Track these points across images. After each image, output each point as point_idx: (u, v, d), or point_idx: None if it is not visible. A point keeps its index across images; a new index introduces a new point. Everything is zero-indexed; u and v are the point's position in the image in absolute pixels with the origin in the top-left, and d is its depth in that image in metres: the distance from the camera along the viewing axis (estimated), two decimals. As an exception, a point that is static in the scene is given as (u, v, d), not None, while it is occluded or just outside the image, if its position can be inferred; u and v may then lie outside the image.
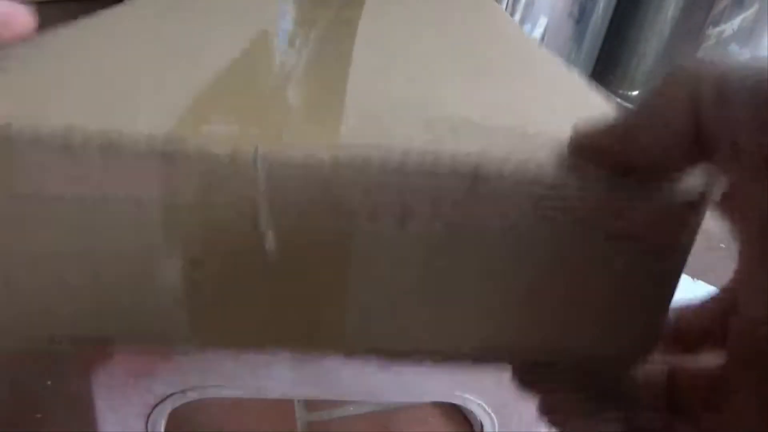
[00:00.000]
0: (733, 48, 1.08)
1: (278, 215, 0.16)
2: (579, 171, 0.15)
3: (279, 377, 0.33)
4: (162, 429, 0.35)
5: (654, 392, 0.18)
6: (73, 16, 0.25)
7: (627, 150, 0.15)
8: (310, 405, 0.74)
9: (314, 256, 0.16)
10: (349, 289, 0.17)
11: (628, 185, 0.15)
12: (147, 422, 0.34)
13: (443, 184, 0.15)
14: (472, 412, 0.38)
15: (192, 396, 0.34)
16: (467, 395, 0.35)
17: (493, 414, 0.36)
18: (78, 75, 0.19)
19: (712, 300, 0.19)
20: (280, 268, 0.16)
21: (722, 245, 1.09)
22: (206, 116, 0.16)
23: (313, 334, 0.18)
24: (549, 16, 1.02)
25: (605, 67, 1.20)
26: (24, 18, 0.22)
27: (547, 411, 0.20)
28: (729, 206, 0.16)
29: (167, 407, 0.34)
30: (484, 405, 0.35)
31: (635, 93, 1.40)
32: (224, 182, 0.15)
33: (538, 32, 1.03)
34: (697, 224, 0.17)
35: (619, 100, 1.42)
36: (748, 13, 1.04)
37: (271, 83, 0.20)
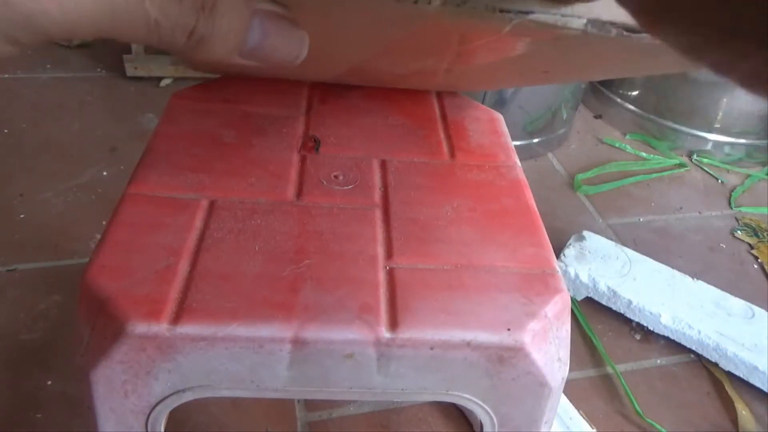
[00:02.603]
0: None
1: None
2: None
3: (279, 377, 0.33)
4: (162, 429, 0.35)
5: None
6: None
7: None
8: (310, 405, 0.74)
9: None
10: None
11: None
12: (147, 422, 0.34)
13: None
14: (471, 412, 0.38)
15: (192, 396, 0.34)
16: (466, 395, 0.35)
17: (492, 414, 0.36)
18: None
19: None
20: None
21: (722, 245, 1.09)
22: None
23: None
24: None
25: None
26: (298, 44, 0.26)
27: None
28: None
29: (167, 407, 0.34)
30: (483, 404, 0.35)
31: (635, 93, 1.40)
32: None
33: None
34: None
35: (619, 100, 1.42)
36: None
37: None
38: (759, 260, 1.06)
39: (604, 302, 0.89)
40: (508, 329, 0.33)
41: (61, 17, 0.20)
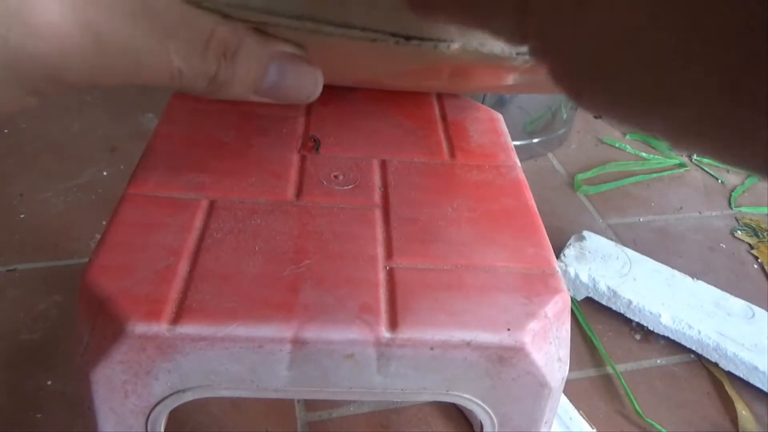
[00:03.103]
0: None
1: None
2: None
3: (279, 377, 0.33)
4: (162, 429, 0.35)
5: None
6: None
7: None
8: (310, 405, 0.74)
9: None
10: None
11: None
12: (147, 422, 0.34)
13: None
14: (471, 412, 0.38)
15: (192, 396, 0.34)
16: (466, 395, 0.35)
17: (492, 414, 0.36)
18: None
19: None
20: None
21: (722, 245, 1.09)
22: None
23: None
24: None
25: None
26: (312, 84, 0.27)
27: None
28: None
29: (167, 407, 0.34)
30: (483, 404, 0.35)
31: (635, 93, 1.40)
32: None
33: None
34: None
35: (619, 100, 1.42)
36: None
37: None
38: (759, 260, 1.06)
39: (604, 302, 0.89)
40: (508, 329, 0.33)
41: (89, 72, 0.20)
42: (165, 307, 0.32)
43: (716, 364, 0.83)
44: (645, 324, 0.87)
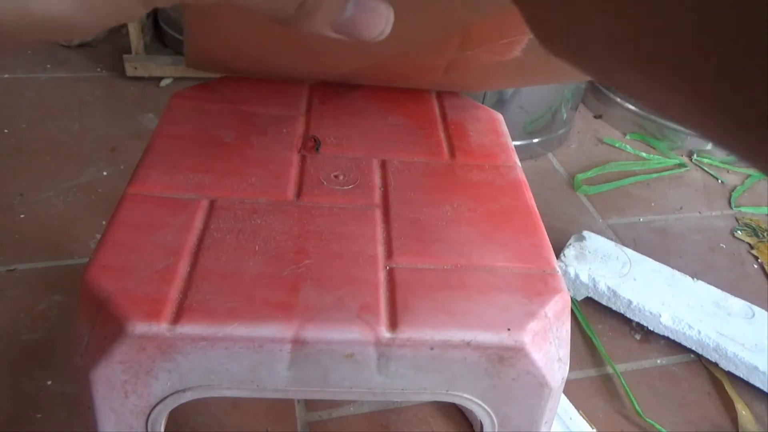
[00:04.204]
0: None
1: None
2: None
3: (279, 377, 0.33)
4: (162, 429, 0.35)
5: None
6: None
7: None
8: (310, 405, 0.74)
9: None
10: None
11: None
12: (147, 422, 0.34)
13: None
14: (471, 412, 0.38)
15: (192, 396, 0.34)
16: (466, 395, 0.35)
17: (492, 413, 0.36)
18: None
19: None
20: None
21: (722, 245, 1.09)
22: None
23: None
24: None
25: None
26: (383, 21, 0.27)
27: None
28: None
29: (167, 407, 0.34)
30: (483, 404, 0.35)
31: (635, 93, 1.39)
32: None
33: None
34: None
35: (619, 100, 1.42)
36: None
37: None
38: (759, 260, 1.06)
39: (604, 302, 0.89)
40: (508, 329, 0.33)
41: None
42: (165, 307, 0.32)
43: (716, 364, 0.83)
44: (645, 324, 0.87)
